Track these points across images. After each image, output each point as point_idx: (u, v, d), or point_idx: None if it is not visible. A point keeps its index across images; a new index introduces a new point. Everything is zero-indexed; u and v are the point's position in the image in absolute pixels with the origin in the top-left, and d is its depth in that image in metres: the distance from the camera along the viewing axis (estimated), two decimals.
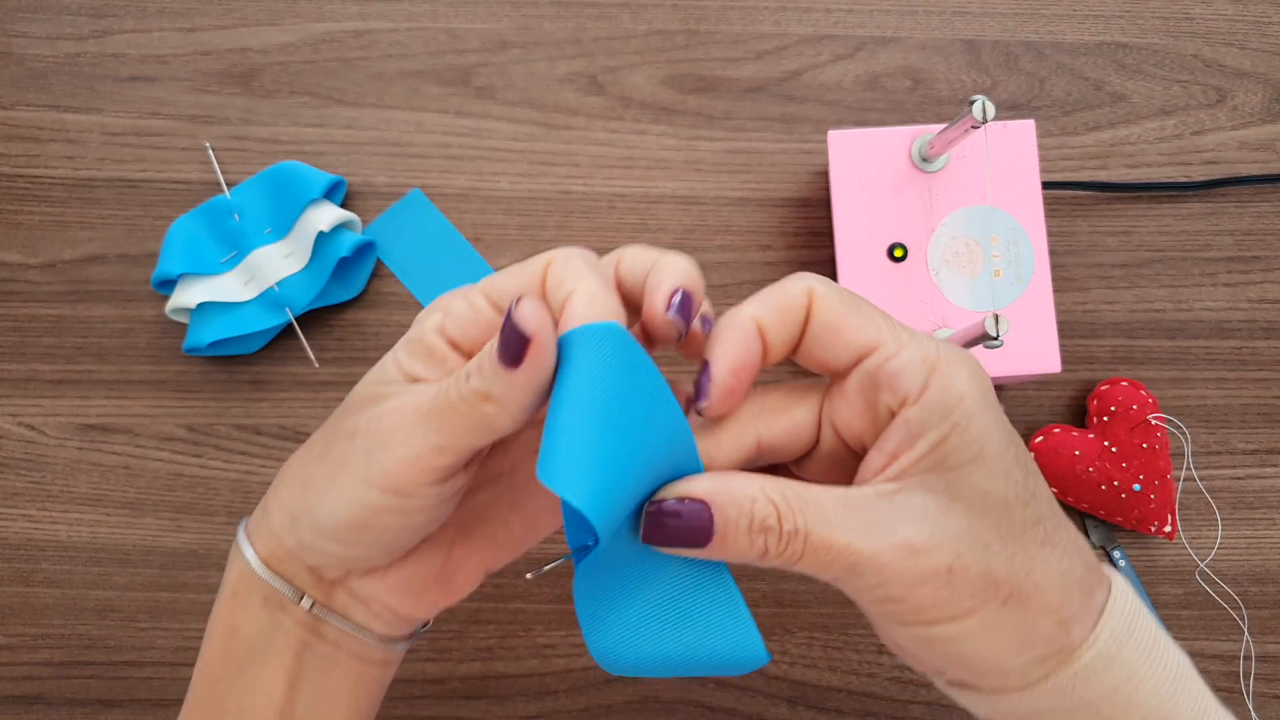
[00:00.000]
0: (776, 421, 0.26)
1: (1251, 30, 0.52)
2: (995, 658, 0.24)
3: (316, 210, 0.48)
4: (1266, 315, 0.50)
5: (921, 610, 0.24)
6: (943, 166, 0.46)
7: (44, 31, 0.52)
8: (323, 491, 0.26)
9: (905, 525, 0.23)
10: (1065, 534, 0.25)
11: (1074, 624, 0.24)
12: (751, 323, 0.25)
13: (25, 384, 0.50)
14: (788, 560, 0.24)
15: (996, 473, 0.24)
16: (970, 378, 0.24)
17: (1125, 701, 0.24)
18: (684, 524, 0.23)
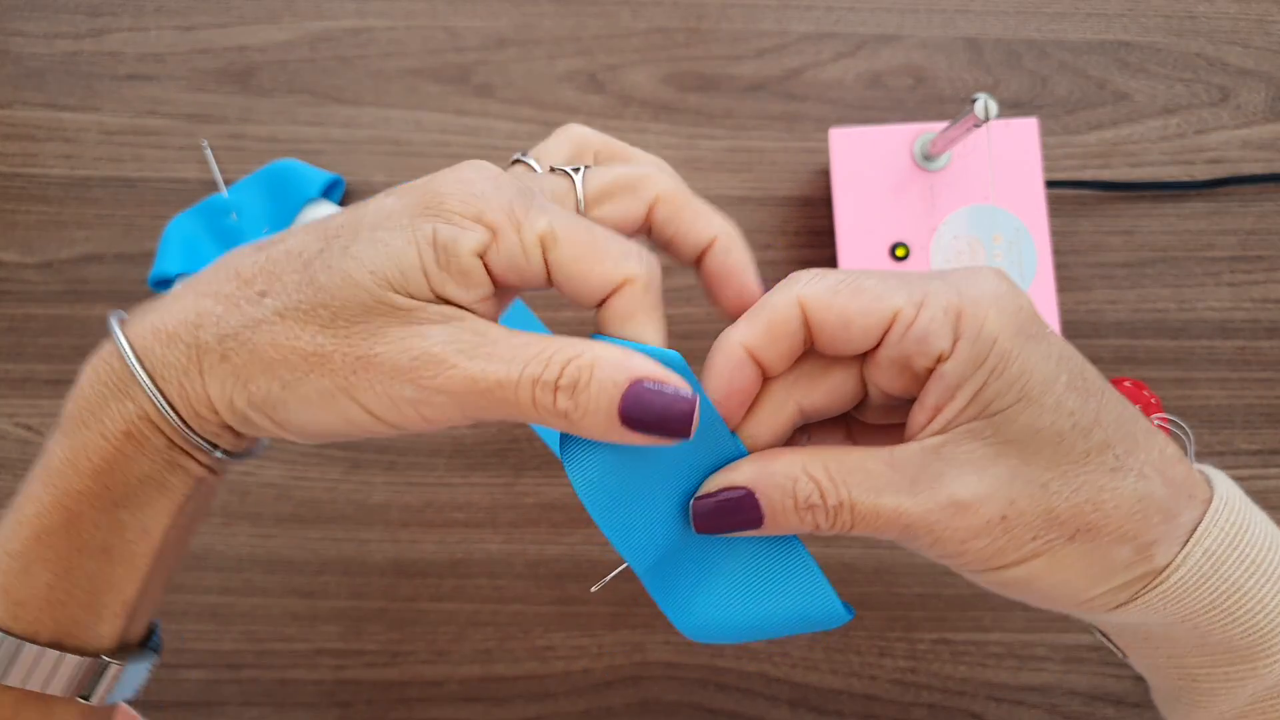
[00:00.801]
0: (816, 388, 0.26)
1: (1255, 29, 0.52)
2: (1072, 592, 0.24)
3: (314, 209, 0.48)
4: (1270, 315, 0.50)
5: (984, 559, 0.23)
6: (945, 165, 0.46)
7: (41, 30, 0.52)
8: (308, 400, 0.22)
9: (952, 481, 0.23)
10: (1142, 454, 0.24)
11: (1157, 547, 0.23)
12: (740, 349, 0.24)
13: (22, 384, 0.50)
14: (841, 529, 0.24)
15: (1045, 408, 0.23)
16: (999, 316, 0.23)
17: (1226, 617, 0.24)
18: (732, 514, 0.24)
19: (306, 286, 0.22)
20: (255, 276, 0.23)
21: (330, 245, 0.22)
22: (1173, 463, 0.24)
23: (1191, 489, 0.24)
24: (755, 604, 0.26)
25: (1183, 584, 0.24)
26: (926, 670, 0.47)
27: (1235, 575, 0.24)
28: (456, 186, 0.22)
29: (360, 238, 0.22)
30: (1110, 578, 0.24)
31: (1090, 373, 0.24)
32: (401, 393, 0.22)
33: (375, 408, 0.22)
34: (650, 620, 0.48)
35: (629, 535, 0.24)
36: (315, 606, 0.48)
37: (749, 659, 0.47)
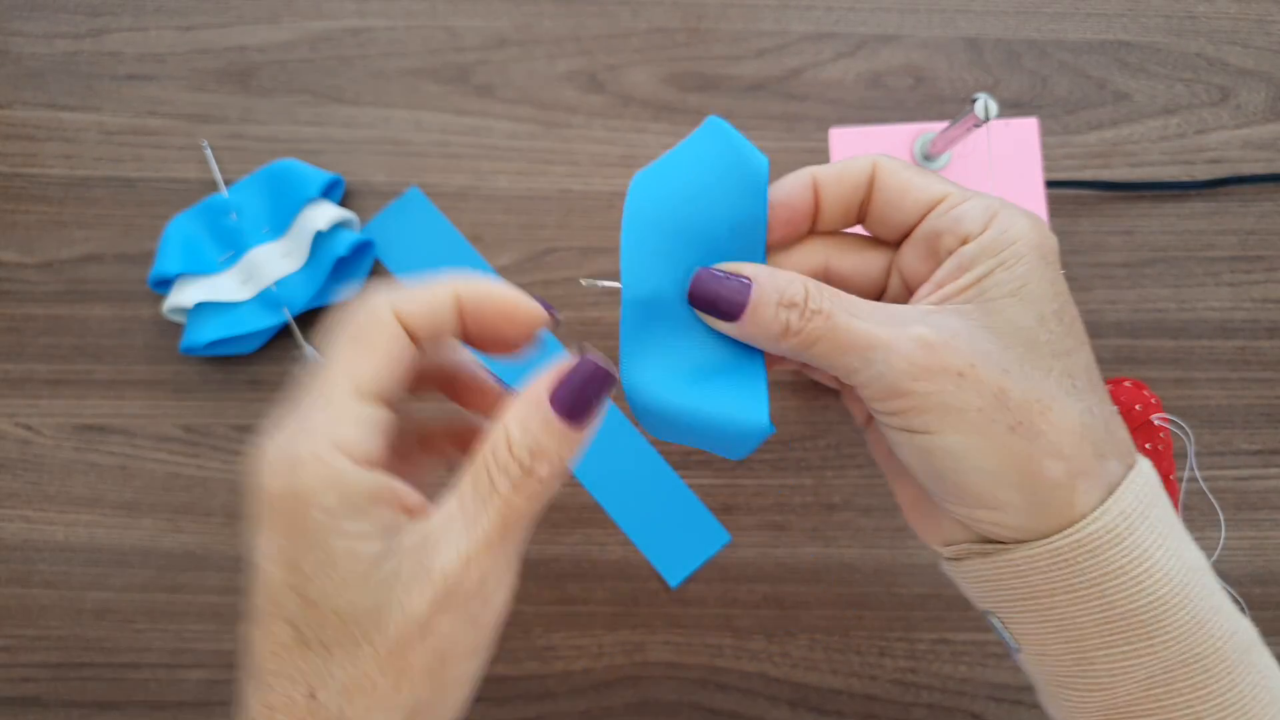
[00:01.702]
0: (848, 254, 0.28)
1: (1255, 29, 0.52)
2: (992, 486, 0.24)
3: (314, 209, 0.48)
4: (1270, 315, 0.50)
5: (926, 411, 0.24)
6: (945, 165, 0.46)
7: (41, 30, 0.52)
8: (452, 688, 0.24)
9: (926, 326, 0.24)
10: (1096, 396, 0.25)
11: (1081, 481, 0.24)
12: (808, 175, 0.27)
13: (22, 384, 0.50)
14: (808, 338, 0.25)
15: (1030, 313, 0.24)
16: (1030, 227, 0.25)
17: (1133, 585, 0.24)
18: (722, 291, 0.25)
19: (331, 654, 0.22)
20: (288, 692, 0.23)
21: (295, 617, 0.22)
22: (1117, 423, 0.25)
23: (1123, 449, 0.25)
24: (695, 386, 0.27)
25: (1098, 538, 0.24)
26: (926, 670, 0.47)
27: (1146, 543, 0.24)
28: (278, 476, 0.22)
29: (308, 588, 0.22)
30: (1033, 488, 0.24)
31: (1080, 325, 0.25)
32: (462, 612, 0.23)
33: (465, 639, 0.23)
34: (650, 620, 0.48)
35: (638, 264, 0.26)
36: None
37: (749, 659, 0.48)
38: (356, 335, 0.24)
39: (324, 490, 0.22)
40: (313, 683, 0.22)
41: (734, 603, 0.48)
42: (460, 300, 0.25)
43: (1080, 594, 0.24)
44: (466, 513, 0.23)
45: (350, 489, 0.22)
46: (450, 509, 0.23)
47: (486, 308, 0.25)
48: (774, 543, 0.48)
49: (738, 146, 0.27)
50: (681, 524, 0.48)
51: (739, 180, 0.26)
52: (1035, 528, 0.24)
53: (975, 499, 0.25)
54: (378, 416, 0.23)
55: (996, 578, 0.26)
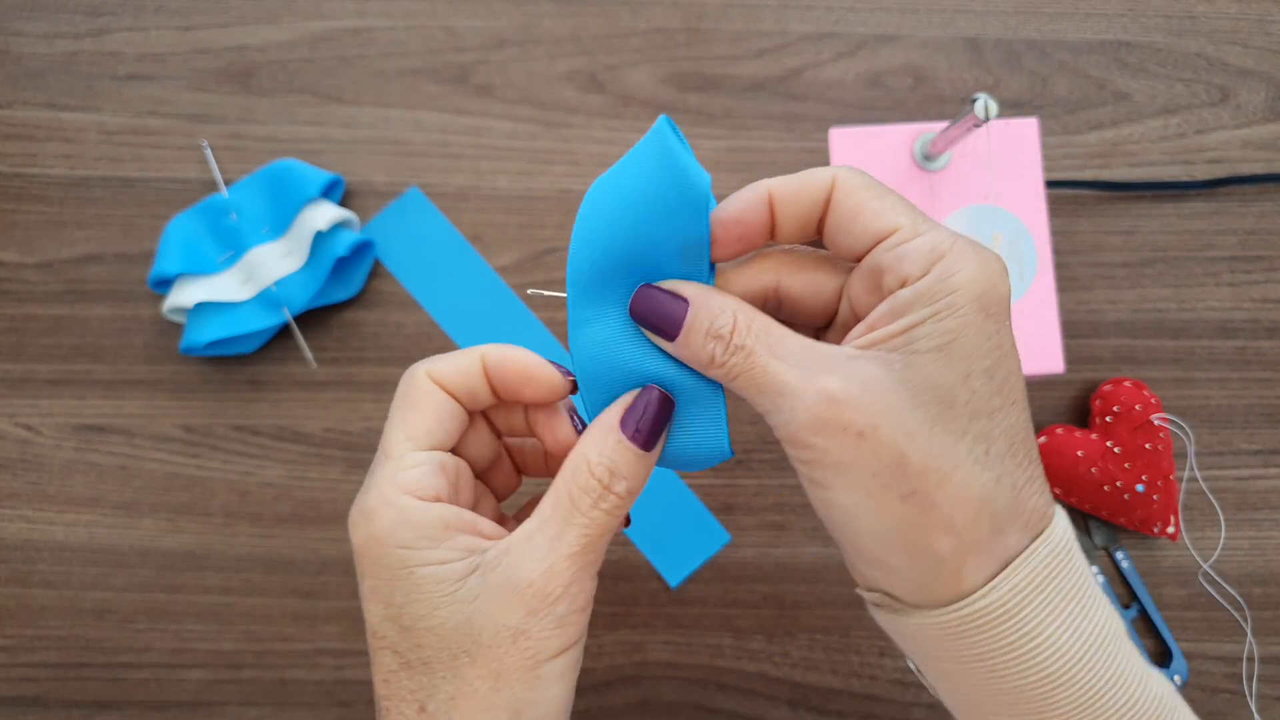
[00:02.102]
0: (800, 273, 0.28)
1: (1255, 29, 0.52)
2: (882, 550, 0.24)
3: (314, 209, 0.48)
4: (1270, 315, 0.50)
5: (824, 467, 0.24)
6: (945, 165, 0.46)
7: (41, 30, 0.52)
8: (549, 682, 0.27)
9: (838, 378, 0.23)
10: (1012, 465, 0.24)
11: (971, 557, 0.23)
12: (763, 189, 0.26)
13: (22, 384, 0.50)
14: (730, 372, 0.25)
15: (955, 370, 0.23)
16: (975, 276, 0.24)
17: (1021, 660, 0.23)
18: (661, 310, 0.26)
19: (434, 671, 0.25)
20: (402, 711, 0.26)
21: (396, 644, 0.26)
22: (1034, 489, 0.25)
23: (1031, 518, 0.24)
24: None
25: (985, 615, 0.23)
26: None
27: (1039, 617, 0.24)
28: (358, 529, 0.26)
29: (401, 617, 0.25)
30: (919, 559, 0.24)
31: (1016, 382, 0.25)
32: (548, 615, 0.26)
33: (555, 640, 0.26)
34: (650, 620, 0.48)
35: (584, 276, 0.27)
36: (315, 606, 0.48)
37: (749, 659, 0.48)
38: (403, 401, 0.27)
39: (397, 529, 0.25)
40: (421, 699, 0.25)
41: (734, 603, 0.48)
42: (486, 364, 0.28)
43: (970, 666, 0.24)
44: (548, 530, 0.25)
45: (420, 522, 0.25)
46: (530, 528, 0.26)
47: (509, 371, 0.28)
48: (774, 543, 0.48)
49: (678, 163, 0.26)
50: (681, 524, 0.48)
51: (680, 199, 0.26)
52: (925, 595, 0.24)
53: (868, 559, 0.25)
54: (435, 459, 0.26)
55: (899, 634, 0.26)
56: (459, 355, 0.28)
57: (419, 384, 0.27)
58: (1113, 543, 0.48)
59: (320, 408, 0.49)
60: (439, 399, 0.27)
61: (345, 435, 0.49)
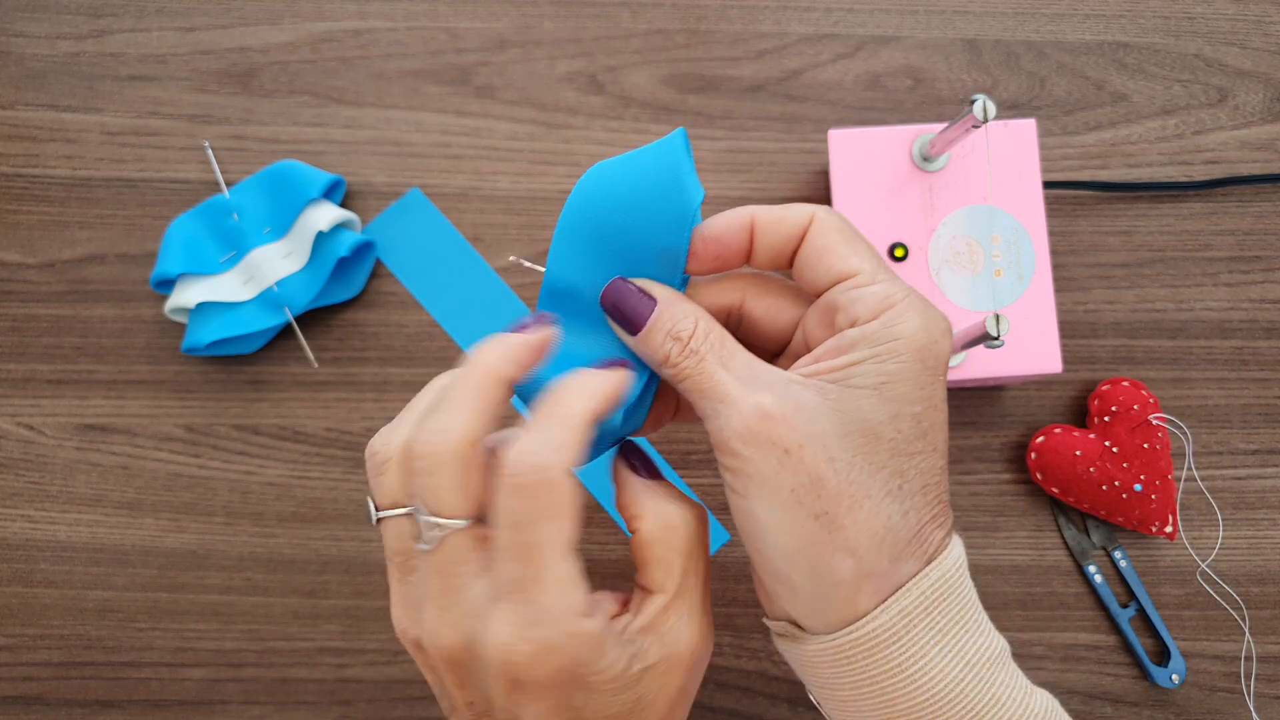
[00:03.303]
0: (764, 297, 0.30)
1: (1253, 30, 0.52)
2: (787, 566, 0.25)
3: (316, 210, 0.48)
4: (1268, 315, 0.50)
5: (747, 477, 0.25)
6: (943, 166, 0.46)
7: (43, 31, 0.52)
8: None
9: (774, 397, 0.25)
10: (920, 500, 0.26)
11: (868, 582, 0.25)
12: (747, 216, 0.28)
13: (24, 384, 0.50)
14: (680, 374, 0.26)
15: (885, 410, 0.25)
16: (920, 329, 0.25)
17: (908, 682, 0.25)
18: (629, 304, 0.27)
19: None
20: None
21: None
22: (935, 525, 0.26)
23: (928, 550, 0.26)
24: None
25: (874, 637, 0.25)
26: None
27: (923, 640, 0.25)
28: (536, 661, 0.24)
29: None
30: (820, 581, 0.25)
31: (940, 434, 0.26)
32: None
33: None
34: None
35: (566, 255, 0.29)
36: (317, 605, 0.48)
37: (749, 658, 0.48)
38: (550, 507, 0.24)
39: (583, 656, 0.24)
40: None
41: (734, 602, 0.48)
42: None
43: (863, 690, 0.25)
44: (679, 605, 0.27)
45: (591, 641, 0.24)
46: (660, 604, 0.27)
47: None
48: None
49: (679, 173, 0.28)
50: None
51: (671, 206, 0.28)
52: (822, 618, 0.26)
53: (773, 574, 0.26)
54: (582, 565, 0.25)
55: (799, 663, 0.28)
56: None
57: (563, 488, 0.24)
58: (1111, 542, 0.48)
59: (322, 408, 0.49)
60: (579, 497, 0.25)
61: (346, 435, 0.49)
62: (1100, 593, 0.48)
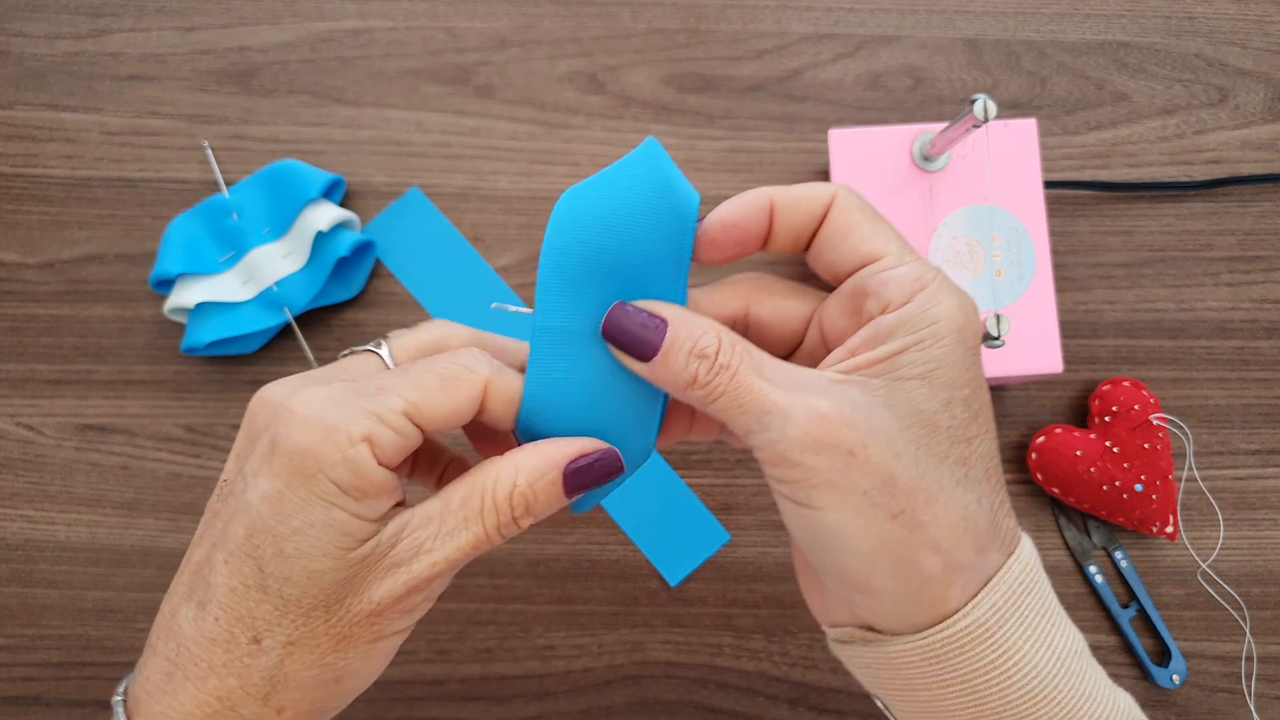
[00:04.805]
0: (769, 300, 0.28)
1: (1253, 29, 0.52)
2: (869, 571, 0.24)
3: (315, 209, 0.48)
4: (1269, 315, 0.50)
5: (813, 487, 0.24)
6: (944, 166, 0.46)
7: (42, 30, 0.52)
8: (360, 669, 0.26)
9: (827, 399, 0.24)
10: (986, 486, 0.25)
11: (957, 576, 0.24)
12: (765, 197, 0.26)
13: (23, 384, 0.50)
14: (712, 392, 0.24)
15: (937, 398, 0.24)
16: (956, 308, 0.24)
17: (1002, 678, 0.24)
18: (638, 330, 0.25)
19: (287, 609, 0.24)
20: (231, 629, 0.24)
21: (265, 562, 0.23)
22: (1005, 511, 0.25)
23: (1005, 537, 0.25)
24: (591, 417, 0.27)
25: (968, 634, 0.24)
26: None
27: (1015, 635, 0.24)
28: (307, 433, 0.23)
29: (287, 541, 0.23)
30: (909, 578, 0.24)
31: (988, 412, 0.25)
32: (413, 601, 0.25)
33: (404, 623, 0.26)
34: (650, 619, 0.48)
35: (554, 290, 0.26)
36: None
37: (748, 658, 0.48)
38: (446, 377, 0.25)
39: (342, 466, 0.23)
40: (259, 629, 0.24)
41: (734, 602, 0.48)
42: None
43: (953, 689, 0.24)
44: (446, 524, 0.25)
45: (364, 475, 0.23)
46: (432, 511, 0.25)
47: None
48: (774, 542, 0.48)
49: (670, 178, 0.26)
50: (681, 523, 0.48)
51: (668, 214, 0.26)
52: (909, 619, 0.25)
53: (852, 582, 0.25)
54: (415, 439, 0.25)
55: (876, 666, 0.26)
56: (515, 382, 0.27)
57: (474, 378, 0.25)
58: (1111, 542, 0.48)
59: None
60: (473, 402, 0.26)
61: None
62: (1101, 593, 0.47)
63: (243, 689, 0.24)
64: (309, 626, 0.24)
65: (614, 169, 0.26)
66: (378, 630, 0.25)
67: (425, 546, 0.24)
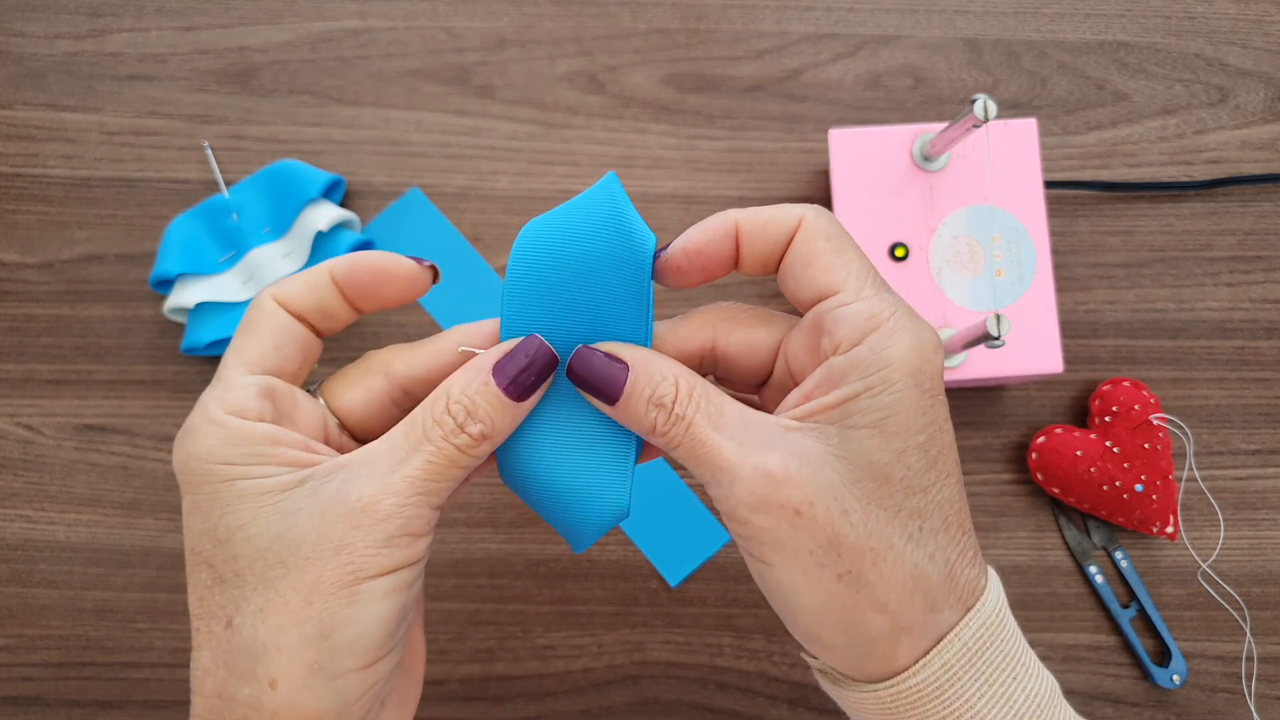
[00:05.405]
0: (735, 332, 0.27)
1: (1253, 29, 0.52)
2: (818, 627, 0.24)
3: (315, 209, 0.48)
4: (1269, 315, 0.50)
5: (762, 544, 0.24)
6: (944, 166, 0.46)
7: (42, 30, 0.52)
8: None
9: (776, 454, 0.23)
10: (945, 539, 0.24)
11: (905, 636, 0.24)
12: (730, 222, 0.26)
13: (23, 384, 0.50)
14: (670, 442, 0.25)
15: (890, 447, 0.23)
16: (910, 349, 0.24)
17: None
18: (601, 374, 0.25)
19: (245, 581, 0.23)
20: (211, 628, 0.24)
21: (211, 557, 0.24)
22: (966, 562, 0.25)
23: (964, 592, 0.25)
24: (562, 460, 0.27)
25: (918, 691, 0.24)
26: None
27: (968, 693, 0.24)
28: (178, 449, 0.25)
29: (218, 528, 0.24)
30: (854, 636, 0.24)
31: (949, 455, 0.25)
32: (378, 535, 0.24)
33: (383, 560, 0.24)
34: (650, 619, 0.48)
35: (519, 330, 0.26)
36: None
37: (749, 659, 0.48)
38: (245, 325, 0.26)
39: (219, 446, 0.24)
40: (229, 613, 0.23)
41: (734, 602, 0.48)
42: (334, 274, 0.26)
43: None
44: (394, 454, 0.24)
45: (244, 438, 0.24)
46: (375, 449, 0.25)
47: (360, 273, 0.26)
48: None
49: (626, 221, 0.26)
50: (681, 523, 0.48)
51: (624, 254, 0.26)
52: (861, 670, 0.25)
53: (806, 634, 0.25)
54: (263, 382, 0.25)
55: (840, 702, 0.27)
56: (308, 272, 0.26)
57: (263, 307, 0.26)
58: (1111, 542, 0.48)
59: None
60: (279, 320, 0.26)
61: None
62: (1101, 593, 0.47)
63: (233, 677, 0.23)
64: (273, 588, 0.23)
65: (572, 204, 0.26)
66: (349, 570, 0.23)
67: (372, 475, 0.24)
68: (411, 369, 0.27)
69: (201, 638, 0.24)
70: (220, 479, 0.24)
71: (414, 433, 0.24)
